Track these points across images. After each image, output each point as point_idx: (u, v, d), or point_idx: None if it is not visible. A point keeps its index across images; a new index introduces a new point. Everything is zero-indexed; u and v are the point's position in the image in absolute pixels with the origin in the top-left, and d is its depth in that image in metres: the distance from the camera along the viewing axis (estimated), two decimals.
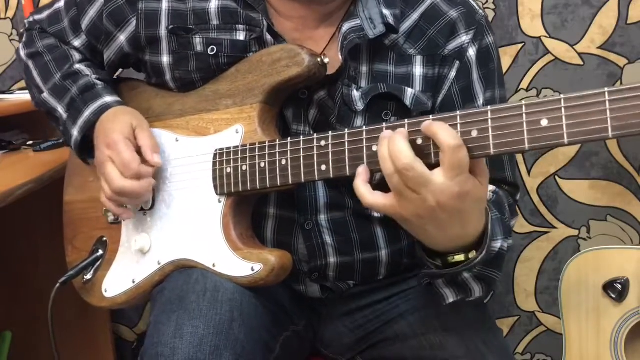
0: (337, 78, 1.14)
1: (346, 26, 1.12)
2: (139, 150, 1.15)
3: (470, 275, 1.01)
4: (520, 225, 1.90)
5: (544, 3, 1.78)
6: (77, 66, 1.30)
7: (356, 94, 1.15)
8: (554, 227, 1.89)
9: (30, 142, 1.73)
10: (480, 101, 1.18)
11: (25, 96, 1.45)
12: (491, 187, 1.16)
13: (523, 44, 1.81)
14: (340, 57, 1.13)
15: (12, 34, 1.94)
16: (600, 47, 1.78)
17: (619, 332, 1.54)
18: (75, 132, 1.24)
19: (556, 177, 1.86)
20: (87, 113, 1.22)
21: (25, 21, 1.40)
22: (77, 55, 1.31)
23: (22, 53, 1.36)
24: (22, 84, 1.41)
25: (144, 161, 1.14)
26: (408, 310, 1.23)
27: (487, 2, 1.79)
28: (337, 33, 1.15)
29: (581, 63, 1.79)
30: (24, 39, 1.38)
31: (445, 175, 0.89)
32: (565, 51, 1.79)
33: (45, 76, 1.31)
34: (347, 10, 1.16)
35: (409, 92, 1.15)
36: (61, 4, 1.34)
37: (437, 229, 0.94)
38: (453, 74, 1.17)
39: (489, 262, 1.01)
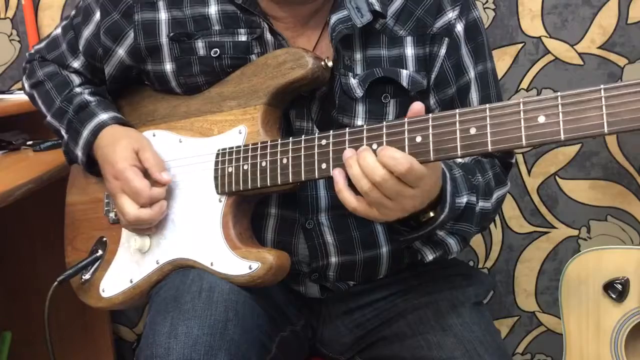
0: (332, 69, 1.14)
1: (334, 18, 1.13)
2: (145, 173, 1.16)
3: (444, 232, 1.10)
4: (520, 225, 1.90)
5: (544, 3, 1.78)
6: (76, 89, 1.32)
7: (353, 81, 1.16)
8: (554, 227, 1.89)
9: (30, 142, 1.72)
10: (472, 74, 1.20)
11: (25, 96, 1.46)
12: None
13: (523, 44, 1.80)
14: (331, 48, 1.14)
15: (12, 34, 1.94)
16: (600, 47, 1.78)
17: (619, 332, 1.54)
18: (79, 153, 1.26)
19: (556, 177, 1.86)
20: (86, 133, 1.24)
21: (27, 54, 1.43)
22: (76, 80, 1.33)
23: (26, 85, 1.39)
24: (27, 97, 1.42)
25: (152, 183, 1.15)
26: (407, 309, 1.23)
27: (487, 2, 1.79)
28: (327, 25, 1.15)
29: (581, 63, 1.79)
30: (26, 72, 1.40)
31: (411, 187, 0.96)
32: (566, 51, 1.79)
33: (48, 103, 1.33)
34: (335, 2, 1.17)
35: (404, 73, 1.17)
36: (58, 30, 1.37)
37: (406, 212, 1.01)
38: (443, 51, 1.18)
39: (459, 217, 1.10)
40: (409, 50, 1.18)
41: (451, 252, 1.15)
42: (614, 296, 1.53)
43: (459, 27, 1.18)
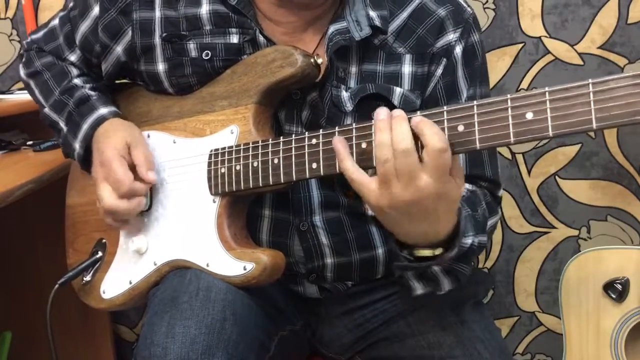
0: (325, 80, 1.14)
1: (332, 28, 1.13)
2: (133, 167, 1.16)
3: (440, 268, 1.03)
4: (520, 225, 1.90)
5: (544, 3, 1.78)
6: (75, 81, 1.31)
7: (345, 94, 1.16)
8: (554, 227, 1.89)
9: (30, 142, 1.73)
10: (464, 97, 1.20)
11: (25, 96, 1.46)
12: (468, 186, 1.17)
13: (523, 44, 1.80)
14: (326, 58, 1.13)
15: (12, 34, 1.95)
16: (600, 47, 1.78)
17: (619, 332, 1.54)
18: (77, 146, 1.25)
19: (556, 177, 1.86)
20: (85, 126, 1.24)
21: (24, 42, 1.43)
22: (74, 71, 1.33)
23: (22, 73, 1.39)
24: (22, 84, 1.42)
25: (138, 178, 1.15)
26: (406, 309, 1.23)
27: (487, 2, 1.79)
28: (324, 35, 1.15)
29: (581, 63, 1.79)
30: (23, 60, 1.40)
31: (430, 174, 0.90)
32: (566, 51, 1.79)
33: (45, 93, 1.33)
34: (335, 13, 1.17)
35: (398, 91, 1.16)
36: (56, 21, 1.36)
37: (409, 222, 0.96)
38: (440, 71, 1.18)
39: (459, 258, 1.03)
40: (407, 68, 1.18)
41: (441, 289, 1.08)
42: (614, 296, 1.54)
43: (458, 50, 1.18)
